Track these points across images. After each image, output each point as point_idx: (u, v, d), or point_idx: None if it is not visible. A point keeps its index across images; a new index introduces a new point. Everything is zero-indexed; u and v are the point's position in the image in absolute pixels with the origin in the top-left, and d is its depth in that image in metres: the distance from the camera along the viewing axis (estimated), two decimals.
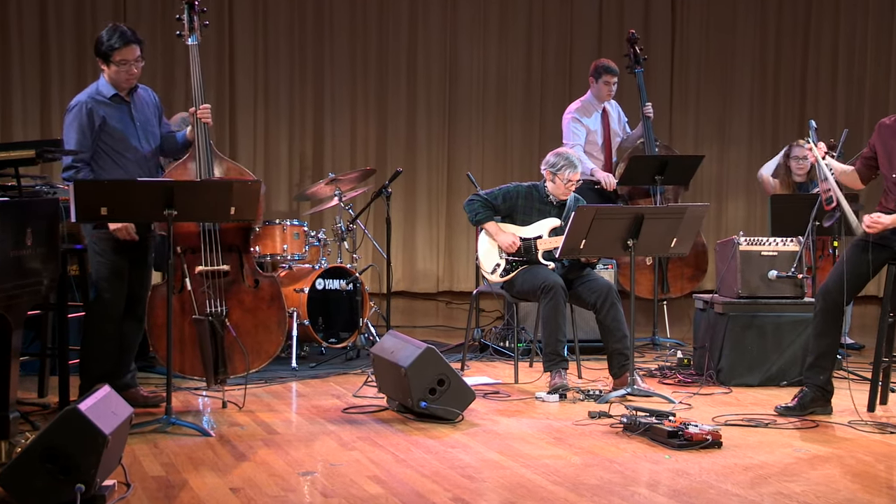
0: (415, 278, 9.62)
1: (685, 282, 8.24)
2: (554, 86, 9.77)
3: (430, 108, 9.60)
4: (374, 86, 9.48)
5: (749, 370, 6.21)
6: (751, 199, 10.04)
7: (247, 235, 5.60)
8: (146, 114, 5.50)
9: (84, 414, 3.69)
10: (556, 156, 6.16)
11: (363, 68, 9.46)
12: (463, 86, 9.67)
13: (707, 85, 10.03)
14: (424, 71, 9.57)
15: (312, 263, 7.37)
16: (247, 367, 5.45)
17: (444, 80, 9.61)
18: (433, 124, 9.62)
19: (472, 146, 9.69)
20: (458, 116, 9.68)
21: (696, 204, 5.85)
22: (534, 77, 9.76)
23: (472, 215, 6.24)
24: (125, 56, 5.28)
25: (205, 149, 5.48)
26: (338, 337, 7.30)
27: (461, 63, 9.66)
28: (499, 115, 9.74)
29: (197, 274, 5.40)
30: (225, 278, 5.47)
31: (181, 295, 5.43)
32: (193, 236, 5.44)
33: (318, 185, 7.65)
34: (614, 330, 5.88)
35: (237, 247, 5.56)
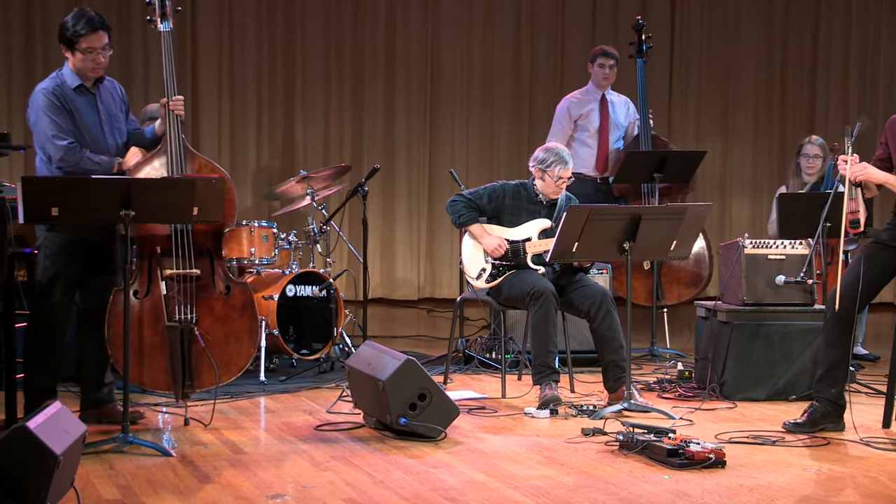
0: (394, 284, 9.61)
1: (682, 288, 8.26)
2: (544, 80, 9.79)
3: (410, 103, 9.61)
4: (349, 77, 9.48)
5: (755, 383, 6.22)
6: (756, 199, 10.07)
7: (218, 238, 5.58)
8: (112, 107, 5.48)
9: (33, 432, 3.66)
10: (546, 151, 6.16)
11: (337, 59, 9.46)
12: (446, 80, 9.68)
13: (709, 77, 10.07)
14: (404, 63, 9.57)
15: (282, 268, 7.35)
16: (216, 381, 5.42)
17: (426, 72, 9.62)
18: (413, 119, 9.63)
19: (455, 143, 9.70)
20: (441, 112, 9.69)
21: (698, 203, 5.85)
22: (522, 72, 9.78)
23: (456, 216, 6.23)
24: (92, 43, 5.27)
25: (177, 144, 5.45)
26: (310, 348, 7.27)
27: (444, 56, 9.68)
28: (484, 110, 9.75)
29: (166, 278, 5.37)
30: (195, 283, 5.45)
31: (146, 301, 5.40)
32: (164, 238, 5.42)
33: (288, 184, 7.63)
34: (609, 340, 5.88)
35: (208, 250, 5.54)
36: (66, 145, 5.24)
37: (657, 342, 7.84)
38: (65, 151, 5.24)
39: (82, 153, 5.27)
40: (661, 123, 9.77)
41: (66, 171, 5.24)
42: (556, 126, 8.03)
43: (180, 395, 5.37)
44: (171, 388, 5.40)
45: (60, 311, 5.37)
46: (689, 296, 8.21)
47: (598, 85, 8.09)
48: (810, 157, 7.64)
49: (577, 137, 8.00)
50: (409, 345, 8.55)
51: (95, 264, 5.43)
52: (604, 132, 8.06)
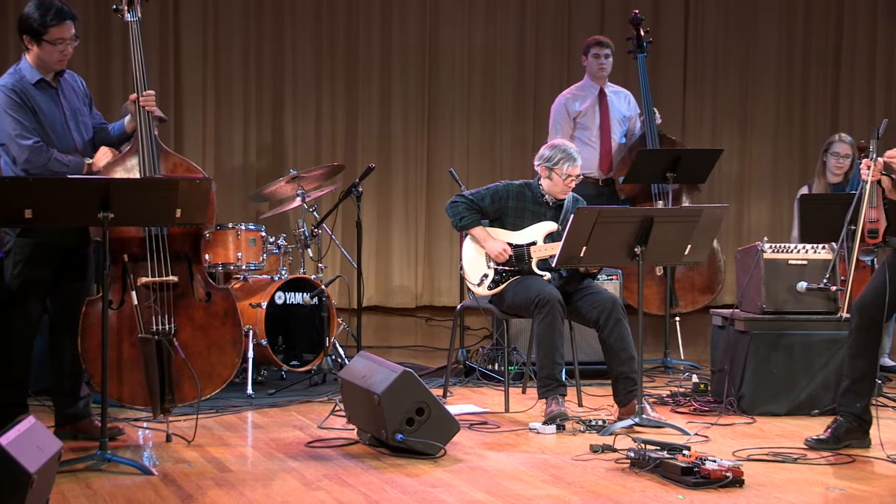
0: (390, 291, 9.60)
1: (696, 295, 8.25)
2: (550, 72, 9.78)
3: (407, 97, 9.60)
4: (342, 70, 9.47)
5: (775, 397, 6.22)
6: (776, 200, 10.06)
7: (197, 242, 5.57)
8: (75, 101, 5.47)
9: (5, 449, 3.65)
10: (552, 148, 6.16)
11: (329, 51, 9.44)
12: (445, 72, 9.66)
13: (725, 70, 10.05)
14: (400, 56, 9.56)
15: (271, 274, 7.34)
16: (197, 394, 5.41)
17: (424, 66, 9.61)
18: (410, 114, 9.61)
19: (455, 139, 9.69)
20: (440, 106, 9.67)
21: (715, 205, 5.85)
22: (527, 62, 9.76)
23: (456, 219, 6.23)
24: (62, 34, 5.28)
25: (149, 142, 5.45)
26: (300, 359, 7.27)
27: (443, 48, 9.66)
28: (486, 104, 9.74)
29: (141, 286, 5.36)
30: (173, 291, 5.44)
31: (121, 311, 5.40)
32: (137, 242, 5.41)
33: (277, 184, 7.63)
34: (620, 351, 5.87)
35: (186, 255, 5.53)
36: (32, 145, 5.22)
37: (670, 353, 7.84)
38: (30, 152, 5.22)
39: (49, 153, 5.25)
40: (675, 119, 9.76)
41: (31, 173, 5.21)
42: (555, 126, 8.03)
43: (157, 411, 5.35)
44: (150, 403, 5.39)
45: (31, 320, 5.37)
46: (704, 303, 8.21)
47: (595, 77, 8.11)
48: (840, 157, 7.63)
49: (577, 137, 8.00)
50: (406, 356, 8.54)
51: (67, 271, 5.42)
52: (605, 129, 8.07)
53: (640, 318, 5.75)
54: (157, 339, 5.32)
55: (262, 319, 6.99)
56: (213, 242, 6.98)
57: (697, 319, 8.61)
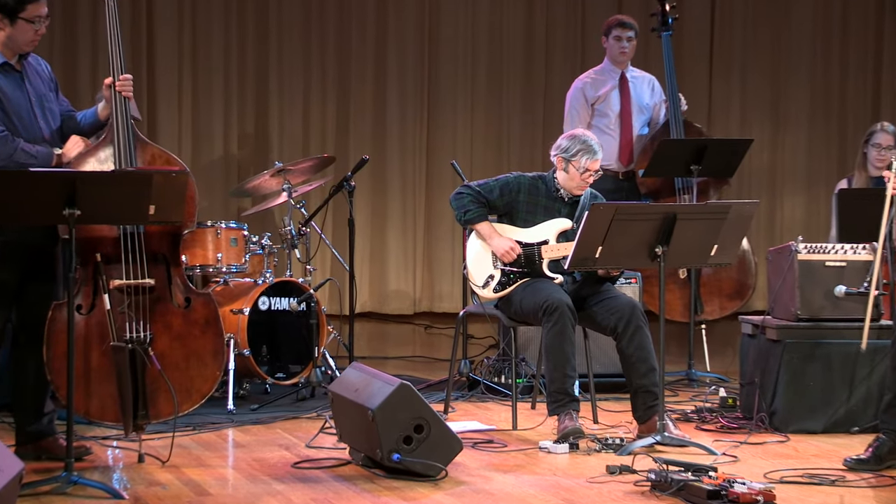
0: (385, 296, 9.60)
1: (724, 300, 8.25)
2: (562, 54, 9.78)
3: (405, 81, 9.59)
4: (332, 52, 9.47)
5: (811, 413, 6.21)
6: (812, 196, 10.06)
7: (176, 242, 5.58)
8: (41, 86, 5.48)
9: None
10: (570, 139, 6.16)
11: (319, 32, 9.44)
12: (446, 54, 9.66)
13: (756, 52, 10.05)
14: (397, 37, 9.56)
15: (254, 277, 7.34)
16: (174, 410, 5.41)
17: (423, 47, 9.60)
18: (408, 101, 9.61)
19: (457, 129, 9.69)
20: (441, 92, 9.67)
21: (744, 201, 5.85)
22: (536, 46, 9.76)
23: (461, 213, 6.23)
24: (38, 11, 5.31)
25: (125, 130, 5.45)
26: (287, 371, 7.27)
27: (444, 28, 9.65)
28: (492, 90, 9.74)
29: (114, 289, 5.37)
30: (149, 295, 5.44)
31: (91, 316, 5.40)
32: (110, 241, 5.41)
33: (261, 178, 7.63)
34: (639, 361, 5.87)
35: (164, 256, 5.54)
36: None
37: (695, 364, 7.84)
38: None
39: (15, 143, 5.26)
40: (700, 106, 9.76)
41: None
42: (571, 113, 8.04)
43: (130, 427, 5.35)
44: (121, 419, 5.38)
45: None
46: (733, 309, 8.21)
47: (616, 61, 8.12)
48: (882, 148, 7.62)
49: (595, 125, 8.02)
50: (403, 367, 8.54)
51: (34, 272, 5.42)
52: (626, 117, 8.08)
53: (662, 326, 5.75)
54: (132, 348, 5.32)
55: (244, 327, 6.99)
56: (191, 242, 6.98)
57: (725, 327, 8.60)
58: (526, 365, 7.20)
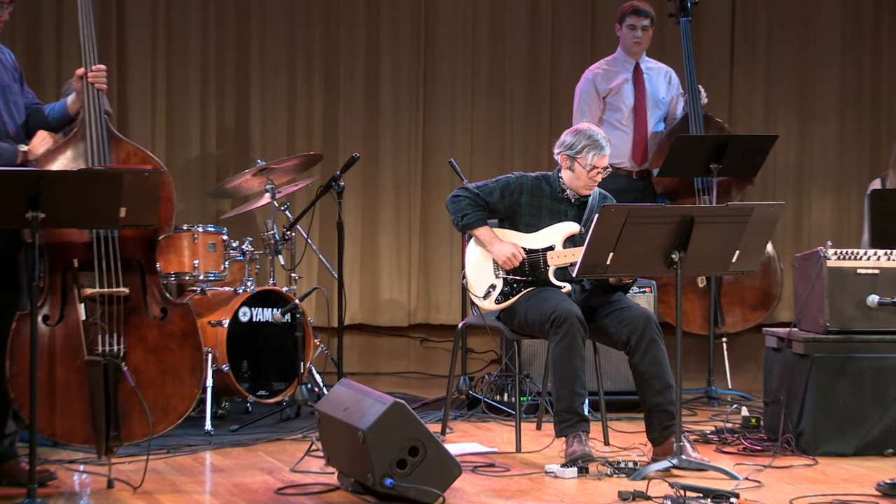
0: (377, 307, 9.60)
1: (747, 311, 8.25)
2: (571, 41, 9.79)
3: (399, 73, 9.60)
4: (319, 40, 9.47)
5: (841, 433, 6.21)
6: (842, 197, 10.07)
7: (151, 247, 5.58)
8: (4, 76, 5.49)
9: None
10: (576, 134, 6.16)
11: (304, 18, 9.45)
12: (444, 44, 9.67)
13: (782, 38, 10.06)
14: (390, 24, 9.57)
15: (234, 286, 7.34)
16: (148, 431, 5.41)
17: (419, 35, 9.61)
18: (402, 92, 9.62)
19: (456, 125, 9.70)
20: (438, 84, 9.68)
21: (769, 202, 5.86)
22: (541, 34, 9.77)
23: (458, 217, 6.23)
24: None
25: (98, 125, 5.45)
26: (270, 388, 7.27)
27: (441, 12, 9.67)
28: (493, 82, 9.75)
29: (86, 298, 5.37)
30: (123, 305, 5.44)
31: (58, 328, 5.40)
32: (82, 246, 5.41)
33: (242, 177, 7.63)
34: (654, 378, 5.87)
35: (139, 262, 5.54)
36: None
37: (715, 381, 7.83)
38: None
39: None
40: (720, 99, 9.76)
41: None
42: (582, 107, 8.05)
43: (103, 449, 5.35)
44: (92, 440, 5.38)
45: None
46: (756, 321, 8.20)
47: (629, 51, 8.13)
48: None
49: (606, 120, 8.03)
50: (397, 384, 8.53)
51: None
52: (640, 111, 8.08)
53: (679, 339, 5.74)
54: (105, 362, 5.31)
55: (223, 340, 6.99)
56: (165, 248, 6.97)
57: (748, 340, 8.60)
58: (531, 382, 7.19)
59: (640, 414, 6.05)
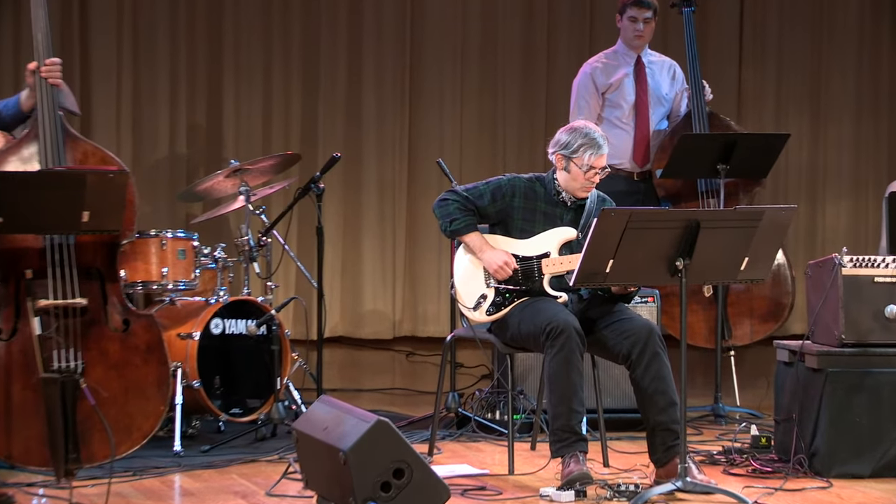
0: (360, 318, 9.59)
1: (756, 323, 8.26)
2: (568, 33, 9.79)
3: (383, 68, 9.60)
4: (298, 31, 9.47)
5: (857, 454, 6.22)
6: (859, 200, 10.08)
7: (112, 254, 5.57)
8: None
9: None
10: (571, 132, 6.16)
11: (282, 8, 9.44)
12: (432, 35, 9.67)
13: (794, 30, 10.07)
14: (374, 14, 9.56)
15: (205, 296, 7.34)
16: (110, 453, 5.40)
17: (405, 26, 9.61)
18: (387, 89, 9.62)
19: (444, 122, 9.70)
20: (425, 80, 9.68)
21: (780, 206, 5.86)
22: (537, 21, 9.77)
23: (446, 222, 6.23)
24: None
25: (52, 124, 5.44)
26: (244, 406, 7.26)
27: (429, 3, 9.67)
28: (485, 77, 9.75)
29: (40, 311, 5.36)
30: (81, 318, 5.43)
31: (12, 343, 5.39)
32: (35, 254, 5.40)
33: (214, 179, 7.62)
34: (657, 394, 5.88)
35: (98, 270, 5.53)
36: None
37: (723, 397, 7.83)
38: None
39: None
40: (727, 95, 9.77)
41: None
42: (579, 103, 8.06)
43: (62, 472, 5.34)
44: (50, 463, 5.37)
45: None
46: (766, 333, 8.21)
47: (630, 45, 8.13)
48: None
49: (606, 117, 8.04)
50: (381, 401, 8.53)
51: None
52: (642, 108, 8.09)
53: (684, 353, 5.74)
54: (62, 380, 5.30)
55: (193, 354, 6.98)
56: (131, 255, 6.96)
57: (758, 354, 8.61)
58: (524, 398, 7.19)
59: (642, 433, 6.04)
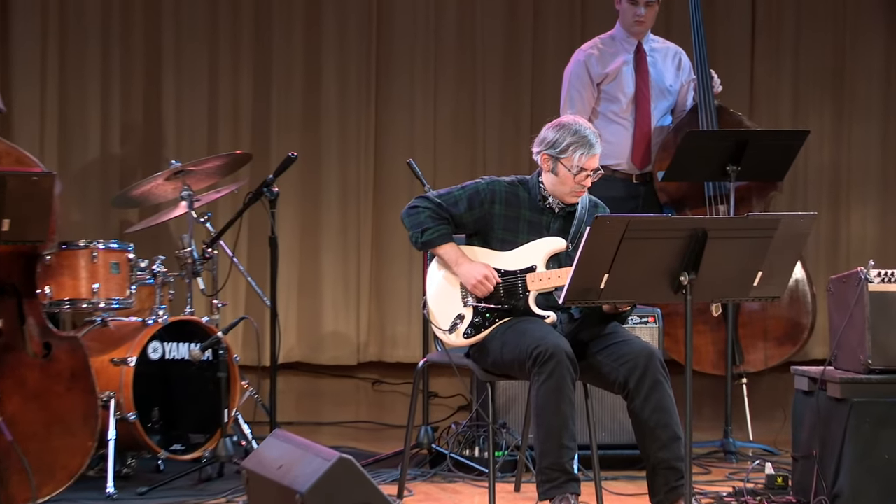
0: (320, 341, 9.59)
1: (771, 346, 8.27)
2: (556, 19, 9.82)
3: (345, 56, 9.61)
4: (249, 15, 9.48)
5: (886, 495, 6.23)
6: (888, 206, 10.12)
7: (29, 267, 5.56)
8: None
9: None
10: (559, 128, 6.16)
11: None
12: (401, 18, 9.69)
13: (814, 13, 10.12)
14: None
15: (142, 316, 7.32)
16: (32, 495, 5.39)
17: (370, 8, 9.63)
18: (350, 81, 9.63)
19: (415, 118, 9.71)
20: (394, 69, 9.69)
21: (798, 213, 5.87)
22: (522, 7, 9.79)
23: (416, 232, 6.22)
24: None
25: None
26: (186, 441, 7.24)
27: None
28: (463, 67, 9.77)
29: None
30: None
31: None
32: None
33: (153, 182, 7.61)
34: (659, 428, 5.88)
35: (13, 287, 5.52)
36: None
37: (734, 431, 7.85)
38: None
39: None
40: (740, 87, 9.80)
41: None
42: (571, 95, 8.06)
43: None
44: None
45: None
46: (783, 358, 8.23)
47: (630, 30, 8.14)
48: None
49: (601, 112, 8.05)
50: (343, 436, 8.53)
51: None
52: (642, 101, 8.10)
53: (689, 380, 5.74)
54: None
55: (128, 383, 6.96)
56: (56, 269, 6.94)
57: (773, 382, 8.64)
58: (507, 433, 7.19)
59: (642, 472, 6.05)
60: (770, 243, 5.69)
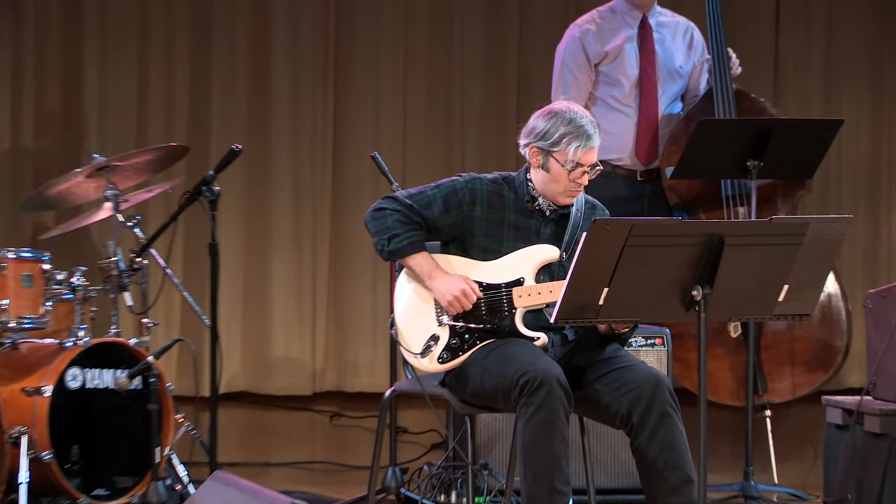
0: (268, 367, 9.60)
1: (799, 373, 8.29)
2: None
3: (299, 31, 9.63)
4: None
5: None
6: None
7: None
8: None
9: None
10: (550, 117, 6.15)
11: None
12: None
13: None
14: None
15: (60, 337, 7.31)
16: None
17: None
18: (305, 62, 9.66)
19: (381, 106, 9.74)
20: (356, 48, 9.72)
21: (830, 216, 5.88)
22: None
23: (384, 239, 6.20)
24: None
25: None
26: (111, 485, 7.23)
27: None
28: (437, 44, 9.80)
29: None
30: None
31: None
32: None
33: (72, 180, 7.60)
34: (668, 469, 5.88)
35: None
36: None
37: (755, 472, 7.85)
38: None
39: None
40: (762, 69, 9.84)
41: None
42: (564, 77, 8.04)
43: None
44: None
45: None
46: (813, 386, 8.24)
47: (633, 1, 8.12)
48: None
49: (600, 98, 8.05)
50: (296, 478, 8.53)
51: None
52: (648, 85, 8.10)
53: (703, 413, 5.75)
54: None
55: (43, 416, 6.95)
56: None
57: (801, 415, 8.67)
58: (490, 475, 7.19)
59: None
60: (797, 251, 5.69)
